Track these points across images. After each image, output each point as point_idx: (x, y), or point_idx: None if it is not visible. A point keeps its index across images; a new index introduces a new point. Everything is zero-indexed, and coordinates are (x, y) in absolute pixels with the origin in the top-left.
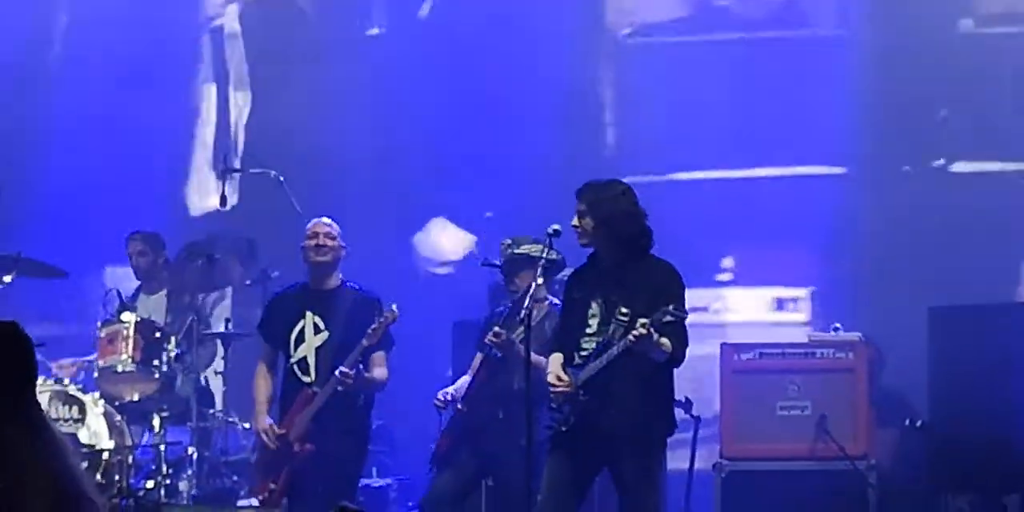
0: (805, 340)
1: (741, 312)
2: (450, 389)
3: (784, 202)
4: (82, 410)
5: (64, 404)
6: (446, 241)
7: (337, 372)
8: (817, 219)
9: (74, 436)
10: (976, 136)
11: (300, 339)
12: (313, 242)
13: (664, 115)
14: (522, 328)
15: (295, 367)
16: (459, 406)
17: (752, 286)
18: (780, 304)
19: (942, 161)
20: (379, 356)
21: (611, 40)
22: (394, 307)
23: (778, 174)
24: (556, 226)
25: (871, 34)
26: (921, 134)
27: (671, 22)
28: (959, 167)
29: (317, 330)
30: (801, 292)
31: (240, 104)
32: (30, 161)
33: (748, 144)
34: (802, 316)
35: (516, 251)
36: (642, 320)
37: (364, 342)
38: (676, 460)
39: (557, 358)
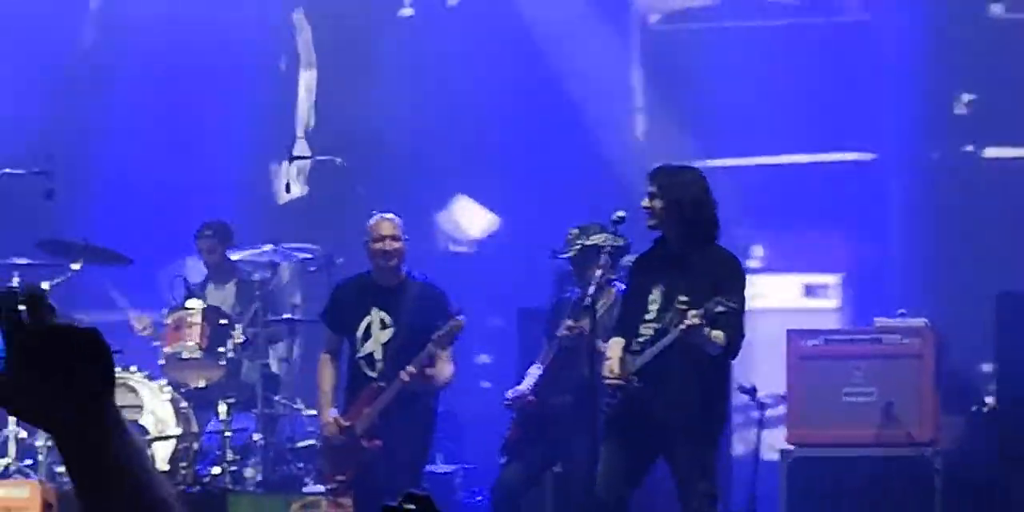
0: (836, 326)
1: (771, 299)
2: (521, 387)
3: (813, 188)
4: (145, 396)
5: (128, 391)
6: (468, 220)
7: (402, 374)
8: (847, 205)
9: (137, 423)
10: (1008, 121)
11: (367, 335)
12: (379, 246)
13: (692, 102)
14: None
15: (362, 361)
16: (529, 398)
17: (782, 273)
18: (810, 291)
19: (971, 147)
20: (444, 356)
21: (640, 27)
22: (460, 317)
23: (807, 160)
24: (621, 213)
25: (901, 20)
26: (950, 119)
27: (700, 10)
28: (991, 152)
29: (384, 326)
30: (831, 279)
31: (308, 89)
32: (109, 151)
33: (777, 130)
34: (833, 303)
35: (587, 242)
36: (693, 312)
37: (430, 347)
38: (742, 443)
39: (617, 343)
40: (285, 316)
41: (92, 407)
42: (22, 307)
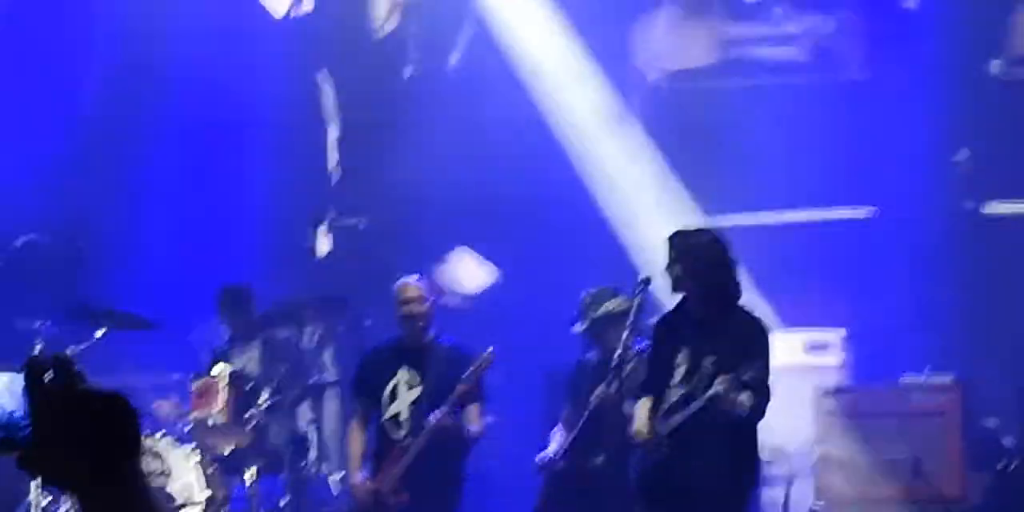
0: (838, 383)
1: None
2: (549, 450)
3: (814, 245)
4: (172, 462)
5: (155, 457)
6: (465, 273)
7: (431, 417)
8: (847, 262)
9: (164, 490)
10: (1008, 177)
11: (393, 395)
12: (405, 310)
13: (692, 160)
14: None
15: (388, 424)
16: (559, 461)
17: (784, 329)
18: (812, 347)
19: (972, 203)
20: (474, 409)
21: (641, 85)
22: (490, 350)
23: (807, 217)
24: (647, 275)
25: (901, 77)
26: (951, 176)
27: (701, 69)
28: (991, 208)
29: (411, 386)
30: (833, 335)
31: (332, 147)
32: (133, 212)
33: (778, 188)
34: (835, 359)
35: (596, 314)
36: (721, 378)
37: (460, 387)
38: (770, 500)
39: (645, 405)
40: (313, 378)
41: (115, 471)
42: (48, 373)
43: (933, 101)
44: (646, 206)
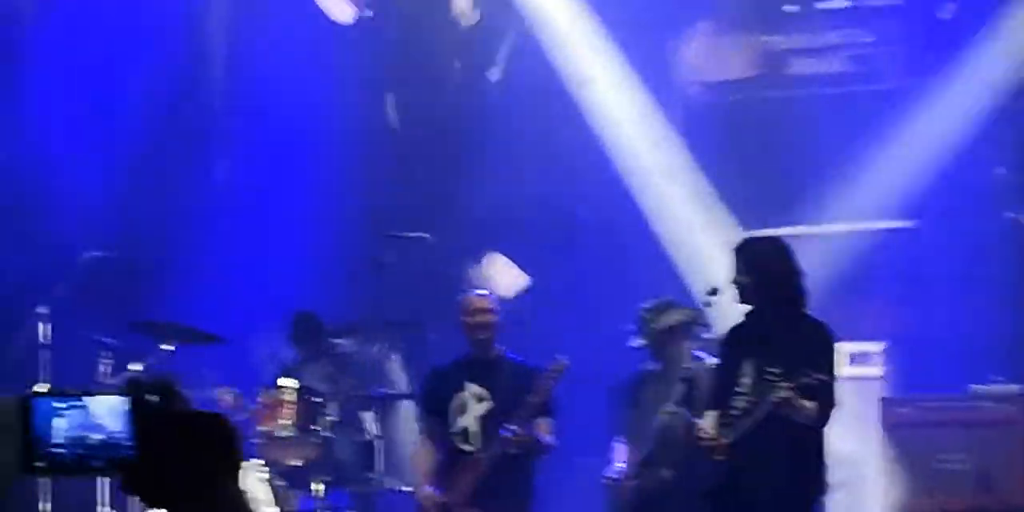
0: (881, 395)
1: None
2: (616, 464)
3: (856, 256)
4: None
5: None
6: (500, 277)
7: (504, 432)
8: (889, 273)
9: None
10: None
11: (462, 409)
12: (472, 320)
13: (733, 172)
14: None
15: (457, 437)
16: (629, 475)
17: None
18: (855, 359)
19: (1012, 214)
20: (545, 423)
21: (682, 98)
22: (563, 359)
23: (848, 229)
24: (714, 285)
25: (938, 85)
26: (991, 186)
27: (741, 81)
28: None
29: (479, 399)
30: (875, 347)
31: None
32: (201, 227)
33: (817, 199)
34: (877, 371)
35: (656, 327)
36: (784, 384)
37: (532, 398)
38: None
39: (711, 417)
40: (379, 392)
41: (216, 492)
42: (151, 395)
43: (972, 110)
44: (689, 219)
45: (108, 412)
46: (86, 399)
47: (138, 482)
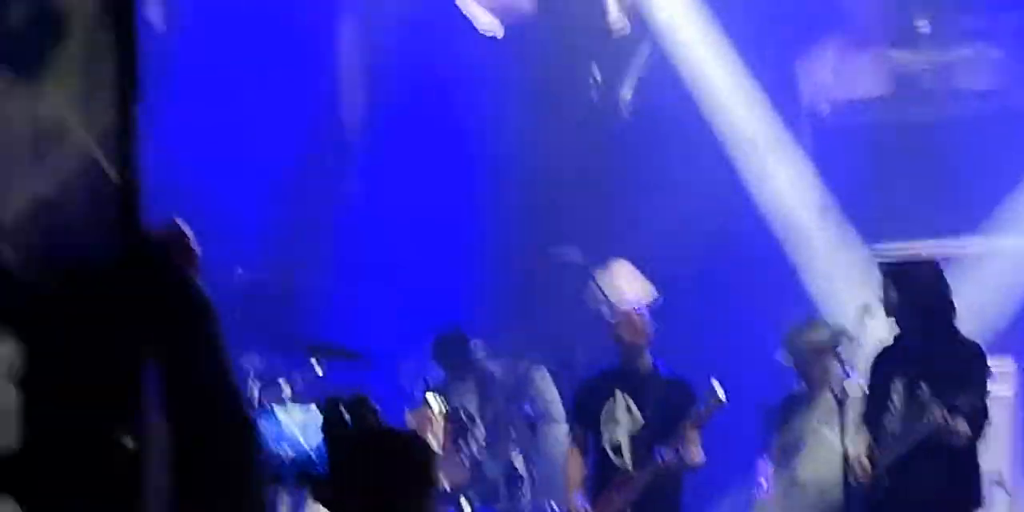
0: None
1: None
2: (764, 485)
3: (986, 274)
4: None
5: None
6: (627, 285)
7: (658, 455)
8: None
9: None
10: None
11: (612, 421)
12: (626, 320)
13: (860, 190)
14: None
15: (608, 450)
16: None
17: None
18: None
19: None
20: (694, 434)
21: (810, 117)
22: (720, 394)
23: (977, 248)
24: (867, 302)
25: None
26: None
27: (869, 99)
28: None
29: (629, 411)
30: (1007, 364)
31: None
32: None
33: (943, 216)
34: (1009, 390)
35: (799, 346)
36: (937, 405)
37: (687, 425)
38: None
39: (863, 440)
40: (526, 411)
41: (409, 508)
42: (346, 413)
43: None
44: (815, 237)
45: (302, 426)
46: (279, 412)
47: (329, 496)
